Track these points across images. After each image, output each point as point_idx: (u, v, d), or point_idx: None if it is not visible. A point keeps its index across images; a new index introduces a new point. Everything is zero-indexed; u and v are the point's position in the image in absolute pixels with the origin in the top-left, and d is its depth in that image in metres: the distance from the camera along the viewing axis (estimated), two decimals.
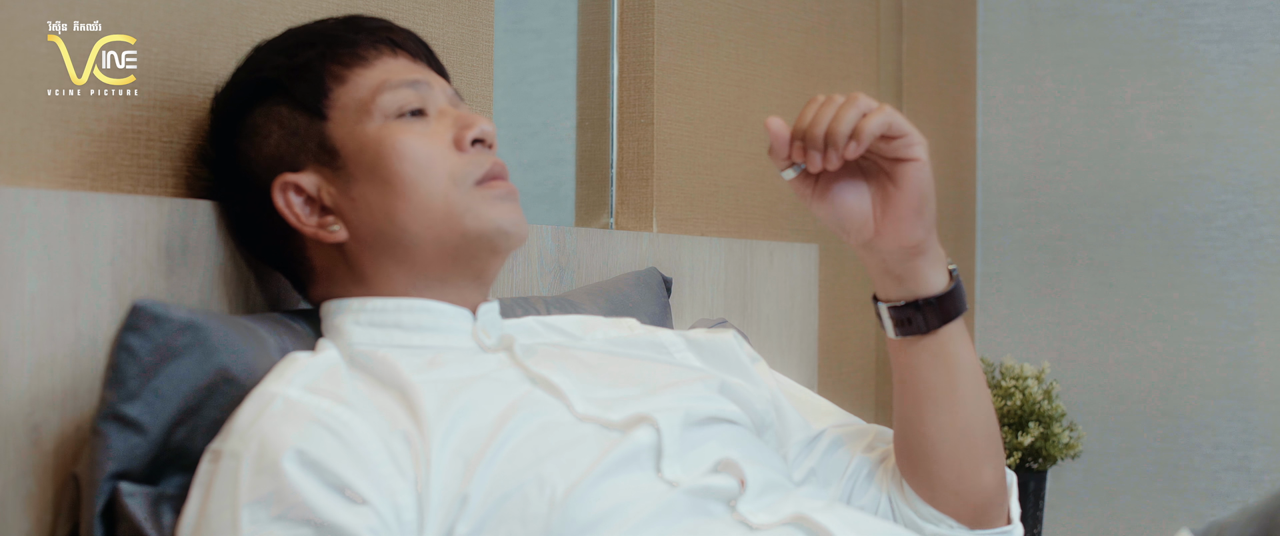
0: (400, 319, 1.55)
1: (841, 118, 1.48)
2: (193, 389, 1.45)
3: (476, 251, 1.55)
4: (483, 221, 1.54)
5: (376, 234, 1.55)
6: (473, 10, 2.13)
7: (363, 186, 1.54)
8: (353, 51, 1.59)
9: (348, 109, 1.56)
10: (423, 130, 1.56)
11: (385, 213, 1.54)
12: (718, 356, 1.69)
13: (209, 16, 1.74)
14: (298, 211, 1.57)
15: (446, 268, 1.56)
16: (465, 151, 1.56)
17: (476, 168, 1.55)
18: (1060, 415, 2.96)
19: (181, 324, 1.44)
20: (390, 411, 1.43)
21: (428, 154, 1.54)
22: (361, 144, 1.55)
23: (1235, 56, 3.33)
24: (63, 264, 1.50)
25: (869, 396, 3.34)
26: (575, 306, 1.94)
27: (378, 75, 1.58)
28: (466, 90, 2.12)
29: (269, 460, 1.34)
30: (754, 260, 2.65)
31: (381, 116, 1.55)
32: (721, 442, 1.50)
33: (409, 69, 1.60)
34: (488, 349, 1.56)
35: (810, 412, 1.71)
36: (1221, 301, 3.31)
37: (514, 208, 1.57)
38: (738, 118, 2.84)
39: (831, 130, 1.48)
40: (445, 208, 1.53)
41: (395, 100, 1.56)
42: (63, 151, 1.59)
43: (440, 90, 1.60)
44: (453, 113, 1.59)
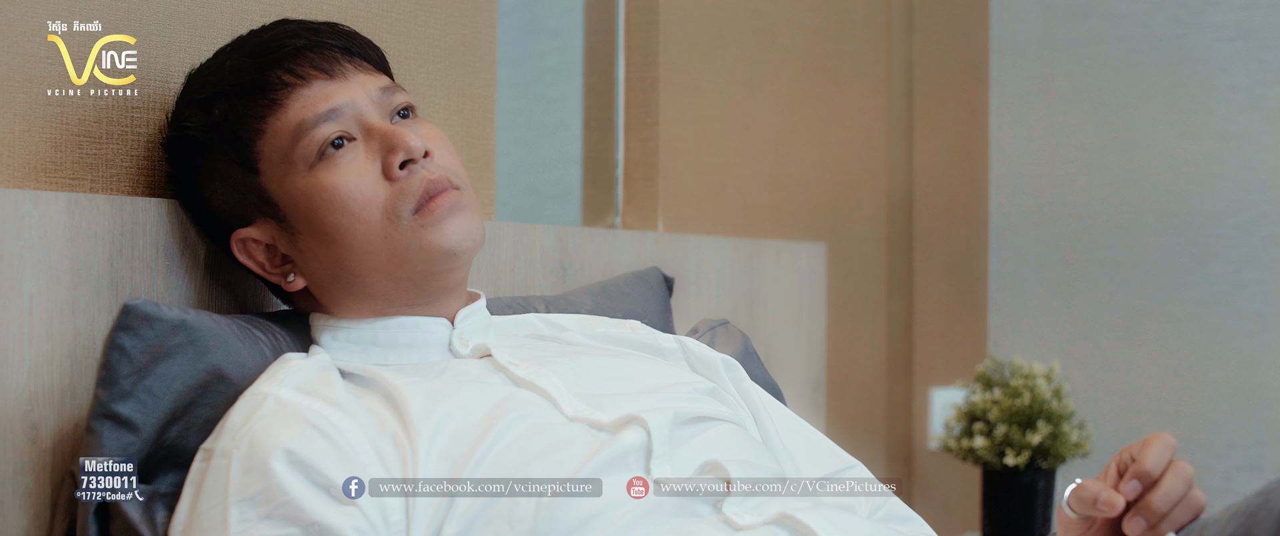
0: (376, 336, 1.56)
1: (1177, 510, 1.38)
2: (185, 387, 1.46)
3: (433, 273, 1.55)
4: (428, 251, 1.52)
5: (331, 279, 1.56)
6: (475, 11, 2.14)
7: (307, 239, 1.54)
8: (263, 97, 1.54)
9: (273, 160, 1.53)
10: (350, 165, 1.52)
11: (333, 261, 1.54)
12: (708, 369, 1.69)
13: (209, 17, 1.75)
14: (260, 261, 1.58)
15: (409, 292, 1.56)
16: (396, 179, 1.52)
17: (410, 195, 1.51)
18: (1069, 414, 2.96)
19: (173, 323, 1.46)
20: (379, 413, 1.44)
21: (359, 197, 1.51)
22: (294, 198, 1.53)
23: (1248, 54, 3.33)
24: (61, 264, 1.52)
25: (879, 397, 3.35)
26: (575, 305, 1.95)
27: (293, 116, 1.53)
28: (469, 92, 2.13)
29: (259, 459, 1.36)
30: (761, 259, 2.65)
31: (304, 164, 1.52)
32: (710, 442, 1.51)
33: (323, 92, 1.54)
34: (462, 358, 1.57)
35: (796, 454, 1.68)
36: (1234, 300, 3.31)
37: (461, 219, 1.53)
38: (745, 117, 2.84)
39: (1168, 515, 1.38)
40: (387, 248, 1.52)
41: (313, 143, 1.52)
42: (62, 152, 1.61)
43: (364, 96, 1.55)
44: (380, 130, 1.53)
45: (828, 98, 3.09)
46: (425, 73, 2.05)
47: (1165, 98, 3.39)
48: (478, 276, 2.03)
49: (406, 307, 1.56)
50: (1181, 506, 1.37)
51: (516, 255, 2.10)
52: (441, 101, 2.08)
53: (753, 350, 1.99)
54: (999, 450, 2.93)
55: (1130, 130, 3.41)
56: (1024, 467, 2.93)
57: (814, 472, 1.67)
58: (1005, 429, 2.91)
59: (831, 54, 3.11)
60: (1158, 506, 1.35)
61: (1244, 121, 3.35)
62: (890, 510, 1.69)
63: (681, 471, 1.45)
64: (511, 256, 2.09)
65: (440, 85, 2.08)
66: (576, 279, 2.20)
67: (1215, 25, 3.37)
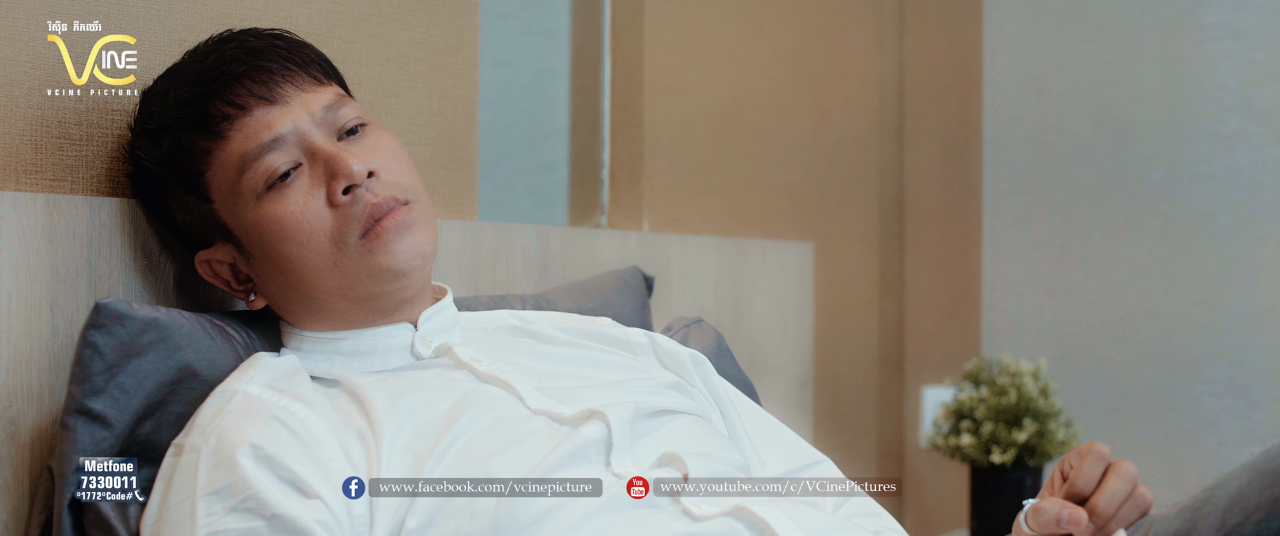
0: (339, 347, 1.59)
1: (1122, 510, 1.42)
2: (157, 384, 1.50)
3: (386, 292, 1.57)
4: (378, 274, 1.54)
5: (288, 301, 1.59)
6: (457, 14, 2.16)
7: (262, 264, 1.56)
8: (206, 130, 1.54)
9: (223, 190, 1.55)
10: (296, 194, 1.52)
11: (289, 285, 1.56)
12: (676, 364, 1.72)
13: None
14: (226, 278, 1.61)
15: (366, 310, 1.58)
16: (340, 206, 1.53)
17: (354, 221, 1.52)
18: (1056, 412, 2.98)
19: (145, 321, 1.49)
20: (346, 410, 1.48)
21: (305, 226, 1.52)
22: (245, 227, 1.55)
23: (1238, 55, 3.35)
24: (40, 264, 1.55)
25: (870, 394, 3.37)
26: (552, 304, 1.98)
27: (236, 148, 1.53)
28: (452, 93, 2.15)
29: (226, 454, 1.39)
30: (747, 258, 2.68)
31: (252, 195, 1.53)
32: (671, 434, 1.53)
33: (265, 120, 1.54)
34: (424, 360, 1.60)
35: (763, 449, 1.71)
36: (1225, 299, 3.33)
37: (409, 238, 1.54)
38: (733, 118, 2.86)
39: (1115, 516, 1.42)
40: (338, 275, 1.53)
41: (258, 175, 1.53)
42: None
43: (307, 118, 1.55)
44: (324, 155, 1.53)
45: (817, 98, 3.11)
46: (407, 75, 2.08)
47: (1156, 98, 3.41)
48: (458, 276, 2.06)
49: (366, 322, 1.59)
50: (1128, 505, 1.40)
51: (498, 255, 2.13)
52: (424, 104, 2.10)
53: (726, 347, 2.02)
54: (985, 448, 2.95)
55: (1121, 130, 3.43)
56: (1010, 465, 2.95)
57: (780, 466, 1.70)
58: (991, 427, 2.94)
59: (821, 56, 3.13)
60: (1104, 508, 1.39)
61: (1234, 122, 3.37)
62: (857, 506, 1.71)
63: (642, 464, 1.48)
64: (493, 256, 2.12)
65: (423, 88, 2.10)
66: (558, 278, 2.23)
67: (1206, 26, 3.39)
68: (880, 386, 3.39)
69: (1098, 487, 1.40)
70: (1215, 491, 1.33)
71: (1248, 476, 1.31)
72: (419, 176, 1.60)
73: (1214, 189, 3.36)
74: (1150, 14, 3.41)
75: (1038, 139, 3.49)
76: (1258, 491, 1.29)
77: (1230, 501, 1.30)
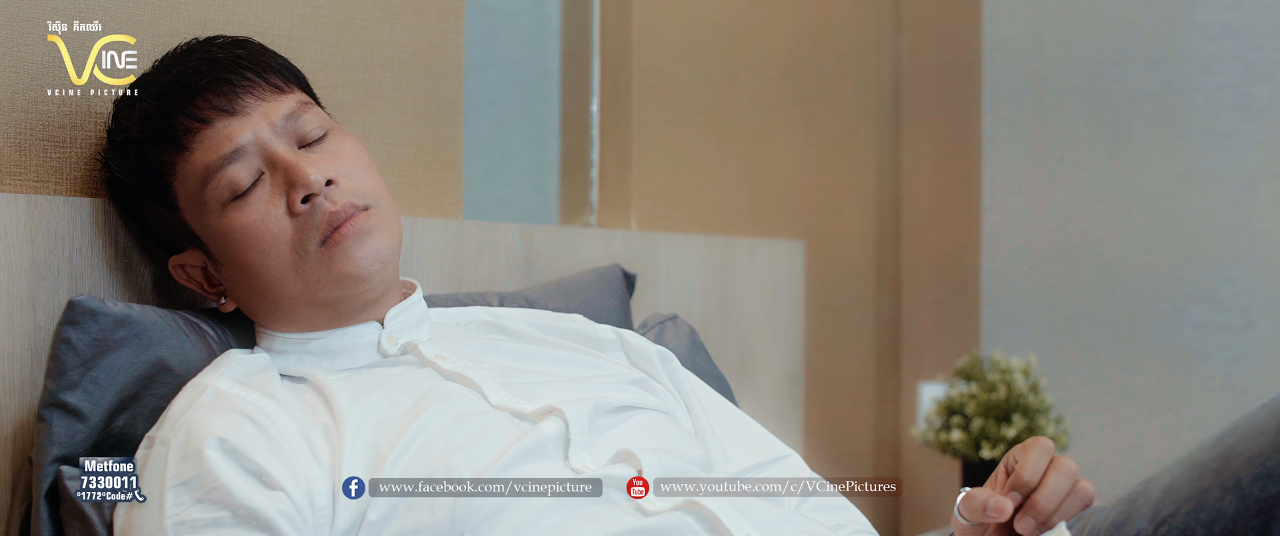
0: (309, 346, 1.63)
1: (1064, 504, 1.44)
2: (130, 379, 1.55)
3: (349, 295, 1.61)
4: (338, 279, 1.58)
5: (257, 305, 1.63)
6: (442, 17, 2.20)
7: (230, 270, 1.61)
8: (171, 143, 1.58)
9: (189, 200, 1.59)
10: (257, 203, 1.57)
11: (255, 291, 1.61)
12: (643, 360, 1.76)
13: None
14: (198, 281, 1.65)
15: (331, 314, 1.63)
16: (299, 214, 1.57)
17: (313, 230, 1.56)
18: (1046, 408, 3.01)
19: (117, 318, 1.55)
20: (312, 406, 1.53)
21: (267, 236, 1.56)
22: (212, 235, 1.59)
23: (1234, 53, 3.37)
24: (21, 262, 1.60)
25: (865, 390, 3.40)
26: (531, 302, 2.02)
27: (198, 160, 1.57)
28: (437, 95, 2.19)
29: (194, 447, 1.44)
30: (735, 257, 2.71)
31: (216, 205, 1.57)
32: (630, 431, 1.58)
33: (226, 132, 1.57)
34: (390, 357, 1.64)
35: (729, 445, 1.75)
36: (1221, 296, 3.35)
37: (368, 243, 1.58)
38: (723, 118, 2.90)
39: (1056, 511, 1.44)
40: (300, 282, 1.58)
41: (221, 186, 1.57)
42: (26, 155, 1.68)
43: (267, 128, 1.59)
44: (283, 164, 1.57)
45: (810, 98, 3.15)
46: (392, 77, 2.12)
47: (1153, 96, 3.44)
48: (441, 275, 2.10)
49: (332, 324, 1.63)
50: (1070, 499, 1.43)
51: (481, 253, 2.17)
52: (408, 105, 2.14)
53: (701, 343, 2.06)
54: (976, 443, 2.98)
55: (1118, 129, 3.46)
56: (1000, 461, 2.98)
57: (745, 461, 1.74)
58: (981, 422, 2.97)
59: (814, 56, 3.16)
60: (1044, 505, 1.42)
61: (1230, 120, 3.39)
62: (821, 500, 1.75)
63: (600, 459, 1.53)
64: (475, 255, 2.16)
65: (407, 89, 2.14)
66: (542, 277, 2.26)
67: (1202, 25, 3.41)
68: (877, 382, 3.43)
69: (1039, 485, 1.43)
70: (1150, 483, 1.36)
71: (1180, 469, 1.34)
72: (381, 180, 1.64)
73: (1212, 185, 3.39)
74: (1147, 12, 3.44)
75: (1036, 136, 3.52)
76: (1188, 483, 1.32)
77: (1163, 493, 1.34)
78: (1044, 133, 3.51)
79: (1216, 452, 1.32)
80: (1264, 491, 1.27)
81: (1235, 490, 1.28)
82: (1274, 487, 1.26)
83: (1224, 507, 1.28)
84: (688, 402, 1.74)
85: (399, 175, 2.13)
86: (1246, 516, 1.27)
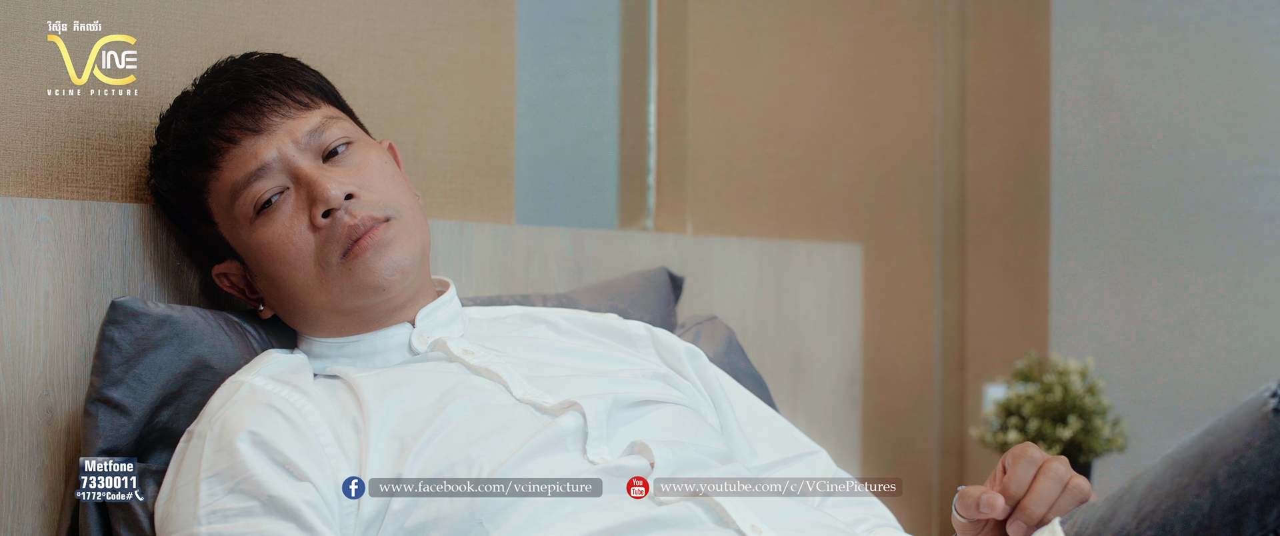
0: (344, 350, 1.71)
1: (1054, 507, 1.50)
2: (172, 376, 1.64)
3: (372, 304, 1.68)
4: (360, 290, 1.66)
5: (290, 313, 1.72)
6: (494, 27, 2.26)
7: (263, 281, 1.70)
8: (203, 162, 1.66)
9: (222, 215, 1.68)
10: (282, 218, 1.64)
11: (287, 299, 1.69)
12: (672, 356, 1.82)
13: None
14: (240, 288, 1.74)
15: (360, 321, 1.70)
16: (320, 228, 1.64)
17: (334, 243, 1.63)
18: (1103, 410, 3.03)
19: (158, 318, 1.64)
20: (343, 401, 1.61)
21: (292, 249, 1.64)
22: (245, 248, 1.68)
23: None
24: (75, 266, 1.70)
25: (927, 391, 3.43)
26: (572, 303, 2.08)
27: (227, 177, 1.65)
28: (489, 104, 2.26)
29: (227, 440, 1.53)
30: (790, 261, 2.76)
31: (246, 220, 1.65)
32: (649, 424, 1.64)
33: (252, 150, 1.64)
34: (421, 355, 1.71)
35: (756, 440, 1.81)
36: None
37: (387, 255, 1.64)
38: (780, 124, 2.94)
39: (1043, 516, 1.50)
40: (325, 293, 1.66)
41: (248, 202, 1.64)
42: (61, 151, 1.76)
43: (291, 145, 1.65)
44: (306, 179, 1.64)
45: (870, 105, 3.18)
46: (444, 87, 2.19)
47: (1221, 101, 3.45)
48: (490, 278, 2.17)
49: (362, 330, 1.71)
50: (1064, 496, 1.49)
51: (530, 257, 2.23)
52: (460, 113, 2.21)
53: (737, 343, 2.11)
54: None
55: (1187, 134, 3.47)
56: None
57: (771, 455, 1.80)
58: (1038, 423, 3.00)
59: (874, 63, 3.19)
60: (1033, 510, 1.49)
61: None
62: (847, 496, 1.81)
63: (618, 452, 1.59)
64: (525, 258, 2.22)
65: (459, 98, 2.21)
66: (592, 281, 2.31)
67: (1269, 30, 3.42)
68: (943, 384, 3.46)
69: (1028, 490, 1.49)
70: (1136, 481, 1.41)
71: (1163, 466, 1.38)
72: (404, 190, 1.71)
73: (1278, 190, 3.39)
74: (1213, 17, 3.45)
75: (1105, 143, 3.53)
76: (1169, 479, 1.36)
77: (1147, 489, 1.38)
78: (1113, 139, 3.53)
79: (1196, 450, 1.36)
80: (1238, 488, 1.31)
81: (1212, 486, 1.32)
82: (1247, 484, 1.30)
83: (1201, 503, 1.33)
84: (715, 398, 1.80)
85: (451, 181, 2.19)
86: (1221, 512, 1.31)
